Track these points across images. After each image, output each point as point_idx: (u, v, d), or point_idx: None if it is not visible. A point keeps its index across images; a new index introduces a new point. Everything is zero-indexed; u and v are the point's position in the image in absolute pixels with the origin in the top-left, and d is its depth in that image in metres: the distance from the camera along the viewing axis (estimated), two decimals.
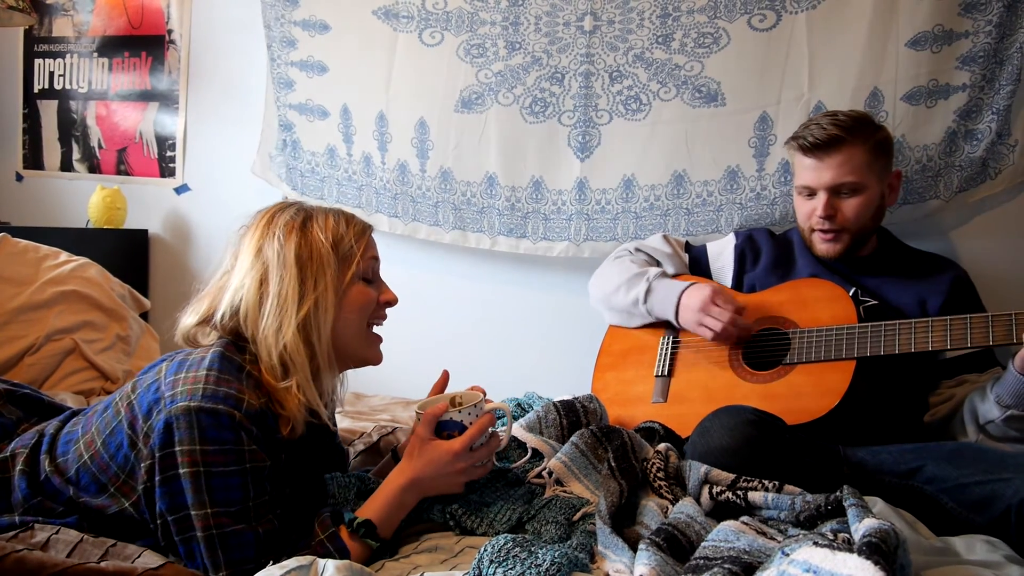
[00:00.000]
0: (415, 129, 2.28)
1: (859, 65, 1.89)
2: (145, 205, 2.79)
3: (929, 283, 1.63)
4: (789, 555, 0.84)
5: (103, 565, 0.97)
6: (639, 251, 1.85)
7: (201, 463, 1.01)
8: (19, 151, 2.96)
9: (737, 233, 1.85)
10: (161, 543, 1.06)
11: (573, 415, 1.42)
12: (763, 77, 1.98)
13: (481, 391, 1.22)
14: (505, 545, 0.96)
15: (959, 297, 1.62)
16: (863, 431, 1.47)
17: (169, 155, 2.77)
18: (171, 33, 2.74)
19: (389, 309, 1.24)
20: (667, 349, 1.71)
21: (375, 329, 1.23)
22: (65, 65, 2.89)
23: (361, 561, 1.05)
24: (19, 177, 2.97)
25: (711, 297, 1.59)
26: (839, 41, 1.91)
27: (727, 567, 0.88)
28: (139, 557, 1.02)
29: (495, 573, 0.91)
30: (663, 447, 1.30)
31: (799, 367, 1.52)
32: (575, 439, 1.29)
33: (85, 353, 1.93)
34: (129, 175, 2.82)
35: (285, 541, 1.06)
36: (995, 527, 1.15)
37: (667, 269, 1.83)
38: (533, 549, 0.96)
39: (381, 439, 1.53)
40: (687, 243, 1.90)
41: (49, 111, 2.92)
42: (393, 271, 1.27)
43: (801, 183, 1.66)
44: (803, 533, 0.99)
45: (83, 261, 2.10)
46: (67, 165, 2.90)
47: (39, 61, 2.92)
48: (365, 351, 1.22)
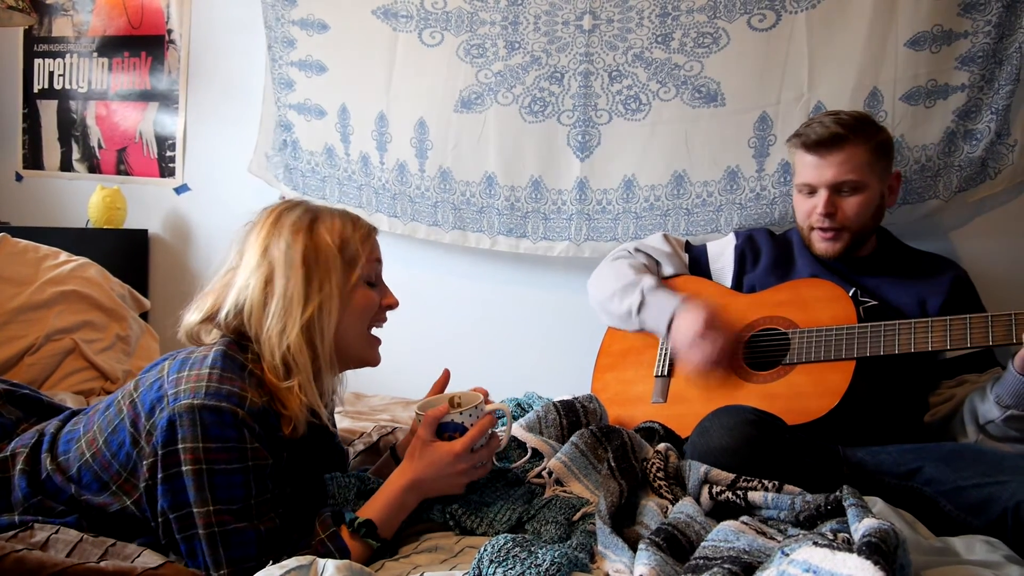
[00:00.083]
0: (415, 129, 2.28)
1: (858, 65, 1.89)
2: (145, 205, 2.79)
3: (929, 283, 1.63)
4: (789, 555, 0.84)
5: (103, 565, 0.97)
6: (639, 251, 1.85)
7: (204, 460, 1.01)
8: (19, 151, 2.96)
9: (737, 233, 1.85)
10: (162, 541, 1.06)
11: (573, 415, 1.42)
12: (763, 77, 1.98)
13: (484, 392, 1.22)
14: (505, 545, 0.96)
15: (959, 297, 1.62)
16: (863, 431, 1.47)
17: (169, 155, 2.77)
18: (171, 33, 2.74)
19: (389, 311, 1.25)
20: (667, 349, 1.71)
21: (374, 331, 1.23)
22: (65, 65, 2.88)
23: (362, 561, 1.05)
24: (19, 177, 2.97)
25: (704, 326, 1.54)
26: (839, 41, 1.92)
27: (727, 567, 0.88)
28: (139, 557, 1.02)
29: (495, 573, 0.92)
30: (663, 447, 1.30)
31: (799, 367, 1.52)
32: (575, 439, 1.29)
33: (85, 353, 1.93)
34: (129, 175, 2.82)
35: (286, 540, 1.06)
36: (992, 530, 1.15)
37: (666, 269, 1.83)
38: (533, 549, 0.96)
39: (381, 439, 1.54)
40: (687, 243, 1.90)
41: (49, 111, 2.92)
42: (393, 270, 1.27)
43: (802, 180, 1.66)
44: (803, 533, 0.99)
45: (83, 261, 2.10)
46: (67, 165, 2.90)
47: (39, 61, 2.92)
48: (365, 353, 1.22)
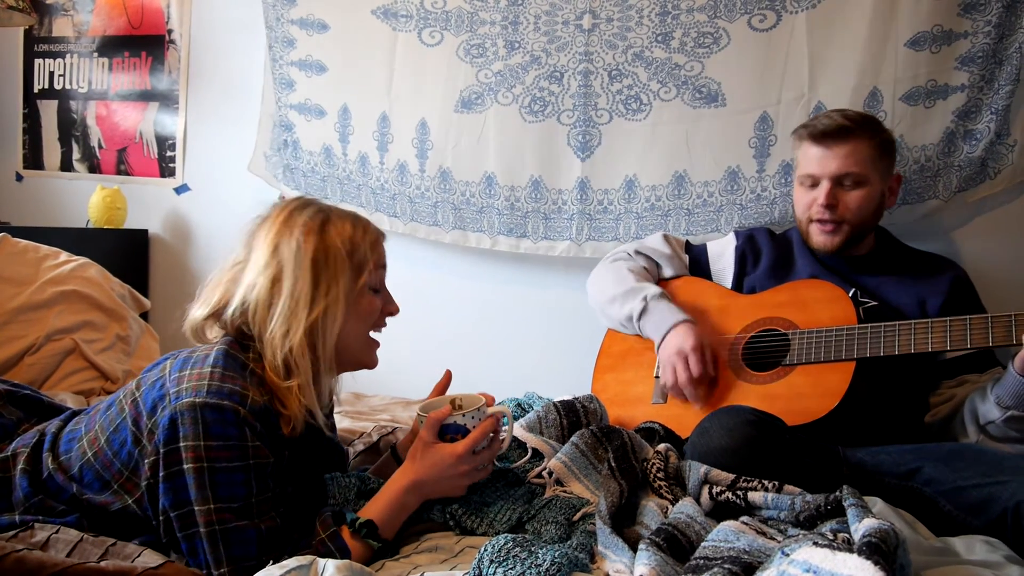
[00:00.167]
0: (416, 130, 2.28)
1: (859, 65, 1.89)
2: (145, 205, 2.79)
3: (928, 283, 1.63)
4: (789, 555, 0.84)
5: (103, 564, 0.97)
6: (639, 254, 1.84)
7: (205, 459, 1.01)
8: (19, 151, 2.96)
9: (737, 233, 1.85)
10: (163, 539, 1.06)
11: (573, 415, 1.42)
12: (763, 77, 1.98)
13: (490, 398, 1.22)
14: (505, 545, 0.96)
15: (958, 297, 1.62)
16: (863, 432, 1.47)
17: (169, 155, 2.77)
18: (171, 33, 2.74)
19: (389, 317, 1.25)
20: None
21: (372, 334, 1.24)
22: (65, 65, 2.88)
23: (362, 561, 1.05)
24: (19, 177, 2.97)
25: (691, 348, 1.56)
26: (839, 41, 1.91)
27: (727, 567, 0.88)
28: (139, 556, 1.02)
29: (495, 573, 0.92)
30: (663, 447, 1.30)
31: (799, 368, 1.52)
32: (575, 439, 1.29)
33: (85, 353, 1.93)
34: (129, 175, 2.82)
35: (287, 539, 1.06)
36: (992, 530, 1.15)
37: (666, 271, 1.83)
38: (533, 549, 0.96)
39: (381, 439, 1.54)
40: (687, 243, 1.90)
41: (49, 111, 2.92)
42: (393, 269, 1.26)
43: (805, 172, 1.66)
44: (803, 533, 0.99)
45: (83, 261, 2.10)
46: (67, 165, 2.90)
47: (39, 61, 2.92)
48: (364, 356, 1.23)
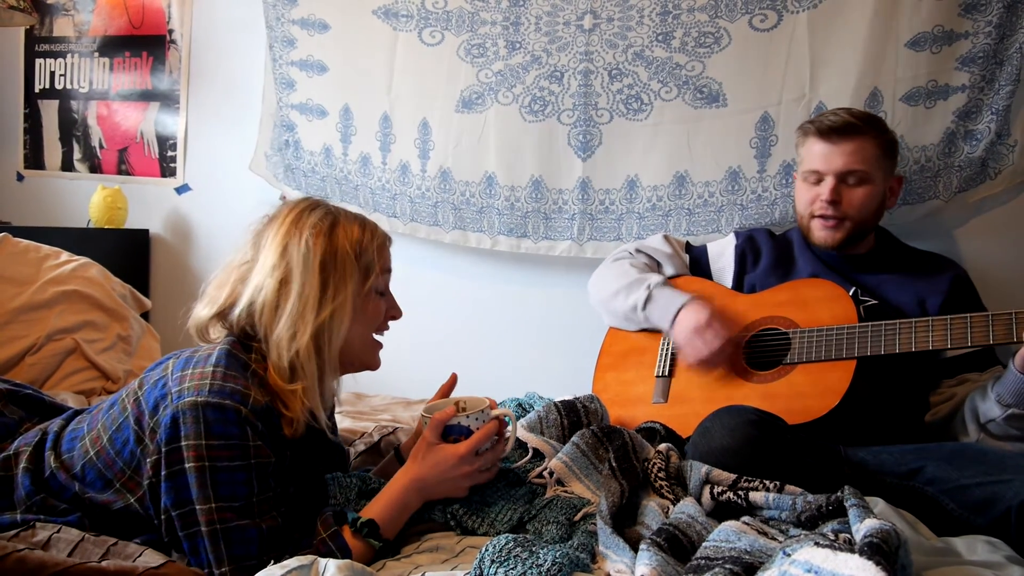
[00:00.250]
0: (418, 130, 2.28)
1: (859, 65, 1.89)
2: (146, 205, 2.79)
3: (928, 282, 1.63)
4: (790, 555, 0.84)
5: (104, 564, 0.97)
6: (640, 252, 1.85)
7: (207, 458, 1.02)
8: (20, 151, 2.96)
9: (737, 233, 1.85)
10: (165, 538, 1.06)
11: (574, 415, 1.42)
12: (764, 77, 1.98)
13: (493, 403, 1.22)
14: (506, 545, 0.96)
15: (959, 296, 1.62)
16: (864, 431, 1.47)
17: (170, 155, 2.77)
18: (172, 33, 2.74)
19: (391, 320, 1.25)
20: (667, 350, 1.71)
21: (375, 336, 1.24)
22: (66, 65, 2.88)
23: (363, 561, 1.05)
24: (20, 177, 2.97)
25: (706, 322, 1.56)
26: (840, 41, 1.91)
27: (728, 567, 0.88)
28: (140, 556, 1.02)
29: (496, 573, 0.92)
30: (664, 447, 1.30)
31: (799, 367, 1.52)
32: (576, 439, 1.29)
33: (86, 353, 1.94)
34: (130, 175, 2.82)
35: (288, 539, 1.06)
36: (995, 528, 1.15)
37: (667, 270, 1.83)
38: (534, 549, 0.96)
39: (382, 439, 1.54)
40: (687, 243, 1.90)
41: (50, 111, 2.92)
42: (394, 269, 1.26)
43: (809, 168, 1.67)
44: (804, 533, 0.99)
45: (84, 261, 2.10)
46: (68, 165, 2.90)
47: (40, 61, 2.92)
48: (367, 358, 1.23)
